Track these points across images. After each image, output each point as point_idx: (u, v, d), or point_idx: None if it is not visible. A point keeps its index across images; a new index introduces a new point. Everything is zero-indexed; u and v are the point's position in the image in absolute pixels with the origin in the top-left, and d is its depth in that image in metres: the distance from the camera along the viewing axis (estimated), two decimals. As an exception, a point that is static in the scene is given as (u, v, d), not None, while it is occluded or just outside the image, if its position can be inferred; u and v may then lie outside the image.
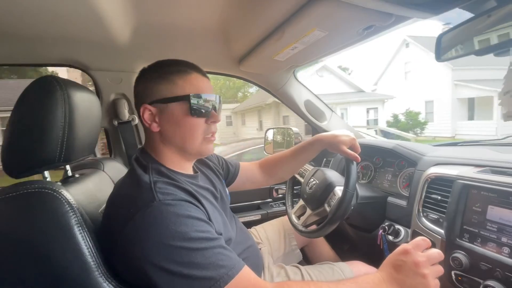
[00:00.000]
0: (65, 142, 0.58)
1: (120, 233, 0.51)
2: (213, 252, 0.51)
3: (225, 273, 0.50)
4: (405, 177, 1.06)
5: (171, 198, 0.53)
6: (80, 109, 0.61)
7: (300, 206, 1.03)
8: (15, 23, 0.82)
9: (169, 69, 0.61)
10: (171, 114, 0.60)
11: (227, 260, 0.52)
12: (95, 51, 1.03)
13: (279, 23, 0.82)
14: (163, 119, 0.61)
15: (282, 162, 0.95)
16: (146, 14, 0.84)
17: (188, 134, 0.62)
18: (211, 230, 0.55)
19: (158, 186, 0.54)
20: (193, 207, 0.55)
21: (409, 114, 12.89)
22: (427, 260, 0.54)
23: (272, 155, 1.00)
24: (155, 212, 0.50)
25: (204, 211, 0.57)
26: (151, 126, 0.61)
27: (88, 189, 0.71)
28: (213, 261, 0.50)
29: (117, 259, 0.54)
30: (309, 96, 1.43)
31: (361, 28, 0.76)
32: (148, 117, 0.61)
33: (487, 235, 0.63)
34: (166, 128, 0.61)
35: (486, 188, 0.66)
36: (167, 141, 0.63)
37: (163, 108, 0.60)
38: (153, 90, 0.60)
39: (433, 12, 0.66)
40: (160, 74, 0.61)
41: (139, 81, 0.64)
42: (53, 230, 0.51)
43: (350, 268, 0.85)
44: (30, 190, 0.51)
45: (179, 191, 0.56)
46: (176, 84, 0.60)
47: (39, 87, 0.57)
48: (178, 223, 0.50)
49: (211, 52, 1.13)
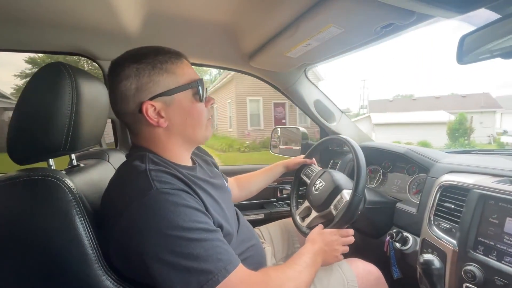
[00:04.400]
0: (71, 130, 0.57)
1: (116, 222, 0.50)
2: (212, 244, 0.49)
3: (223, 267, 0.48)
4: (416, 183, 1.03)
5: (168, 187, 0.51)
6: (87, 97, 0.60)
7: (305, 207, 1.01)
8: (28, 9, 0.81)
9: (160, 59, 0.57)
10: (179, 105, 0.58)
11: (225, 254, 0.50)
12: (105, 41, 1.02)
13: (293, 18, 0.80)
14: (170, 112, 0.58)
15: (254, 179, 1.11)
16: (158, 5, 0.83)
17: (197, 121, 0.61)
18: (209, 221, 0.53)
19: (155, 174, 0.52)
20: (190, 196, 0.53)
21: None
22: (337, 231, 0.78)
23: (244, 174, 1.12)
24: (152, 201, 0.48)
25: (200, 202, 0.55)
26: (159, 122, 0.57)
27: (92, 179, 0.70)
28: (212, 254, 0.48)
29: (115, 251, 0.52)
30: (319, 96, 1.40)
31: (379, 26, 0.73)
32: (152, 114, 0.56)
33: (504, 248, 0.60)
34: (175, 120, 0.59)
35: (505, 199, 0.63)
36: (174, 134, 0.60)
37: (169, 100, 0.57)
38: (151, 84, 0.56)
39: (458, 11, 0.62)
40: (153, 66, 0.56)
41: (123, 77, 0.56)
42: (55, 219, 0.50)
43: (349, 264, 0.83)
44: (34, 177, 0.50)
45: (176, 180, 0.54)
46: (175, 73, 0.57)
47: (47, 74, 0.56)
48: (176, 212, 0.48)
49: (221, 46, 1.11)
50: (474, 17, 0.70)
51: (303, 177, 1.11)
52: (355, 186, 0.77)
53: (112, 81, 0.57)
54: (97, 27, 0.93)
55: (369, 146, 1.23)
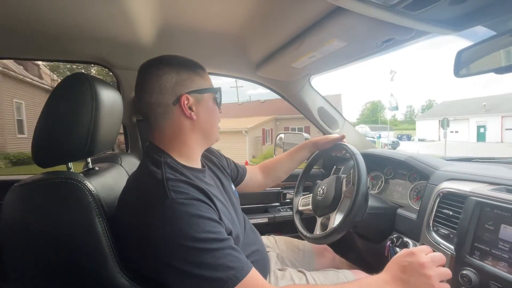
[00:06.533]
0: (90, 136, 0.61)
1: (132, 229, 0.53)
2: (223, 253, 0.51)
3: (234, 274, 0.50)
4: (416, 190, 1.06)
5: (184, 197, 0.53)
6: (105, 105, 0.64)
7: (308, 212, 1.04)
8: (46, 20, 0.86)
9: (195, 65, 0.67)
10: (206, 103, 0.67)
11: (237, 262, 0.52)
12: (121, 51, 1.07)
13: (299, 32, 0.84)
14: (199, 108, 0.65)
15: (280, 163, 1.09)
16: (172, 17, 0.88)
17: (214, 122, 0.70)
18: (221, 230, 0.55)
19: (171, 184, 0.54)
20: (205, 206, 0.55)
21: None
22: (431, 261, 0.55)
23: (270, 159, 1.11)
24: (167, 211, 0.51)
25: (215, 210, 0.57)
26: (190, 114, 0.64)
27: (106, 182, 0.74)
28: (223, 262, 0.50)
29: (130, 254, 0.55)
30: (323, 104, 1.44)
31: (380, 40, 0.77)
32: (187, 106, 0.63)
33: (499, 254, 0.63)
34: (201, 116, 0.66)
35: (500, 207, 0.65)
36: (196, 129, 0.66)
37: (199, 98, 0.65)
38: (188, 81, 0.64)
39: (454, 29, 0.66)
40: (190, 69, 0.66)
41: (165, 72, 0.63)
42: (77, 219, 0.53)
43: (354, 276, 0.85)
44: (58, 180, 0.54)
45: (192, 189, 0.56)
46: (204, 78, 0.68)
47: (71, 83, 0.61)
48: (190, 223, 0.50)
49: (231, 56, 1.16)
50: (470, 32, 0.74)
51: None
52: (356, 192, 0.80)
53: (151, 74, 0.63)
54: (114, 38, 0.98)
55: (372, 153, 1.26)
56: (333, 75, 67.18)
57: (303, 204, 1.06)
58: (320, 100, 1.44)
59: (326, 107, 1.44)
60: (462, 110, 27.42)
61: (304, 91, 1.38)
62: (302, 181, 1.13)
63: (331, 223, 0.87)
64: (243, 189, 1.04)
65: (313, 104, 1.42)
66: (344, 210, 0.84)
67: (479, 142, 23.28)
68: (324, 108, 1.44)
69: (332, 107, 1.46)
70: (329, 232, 0.84)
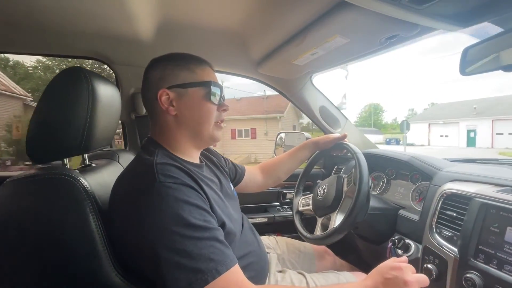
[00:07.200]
0: (86, 131, 0.60)
1: (122, 214, 0.52)
2: (206, 243, 0.50)
3: (214, 267, 0.48)
4: (419, 191, 1.04)
5: (172, 181, 0.52)
6: (102, 101, 0.63)
7: (308, 212, 1.02)
8: (45, 16, 0.86)
9: (187, 59, 0.65)
10: (190, 99, 0.64)
11: (219, 255, 0.50)
12: (120, 46, 1.06)
13: (300, 28, 0.83)
14: (181, 103, 0.63)
15: (280, 163, 1.07)
16: (172, 13, 0.87)
17: (204, 118, 0.66)
18: (209, 219, 0.53)
19: (160, 167, 0.54)
20: (194, 192, 0.54)
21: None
22: (416, 282, 0.54)
23: (270, 159, 1.09)
24: (154, 194, 0.50)
25: (205, 198, 0.56)
26: (168, 109, 0.63)
27: (103, 179, 0.73)
28: (204, 253, 0.49)
29: (120, 242, 0.54)
30: (325, 102, 1.42)
31: (384, 37, 0.75)
32: (165, 101, 0.63)
33: (504, 257, 0.61)
34: (183, 111, 0.64)
35: (506, 209, 0.64)
36: (182, 125, 0.64)
37: (182, 93, 0.63)
38: (171, 76, 0.63)
39: (461, 25, 0.65)
40: (178, 63, 0.64)
41: (154, 68, 0.65)
42: (70, 215, 0.52)
43: (355, 278, 0.84)
44: (52, 175, 0.53)
45: (182, 173, 0.55)
46: (195, 72, 0.65)
47: (66, 77, 0.59)
48: (175, 207, 0.49)
49: (231, 53, 1.15)
50: (477, 29, 0.72)
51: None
52: (357, 192, 0.78)
53: (146, 70, 0.67)
54: (114, 34, 0.97)
55: (373, 153, 1.24)
56: (333, 75, 67.12)
57: (303, 205, 1.04)
58: (322, 98, 1.42)
59: (328, 106, 1.43)
60: (453, 113, 26.33)
61: (305, 89, 1.37)
62: (302, 181, 1.12)
63: (332, 223, 0.86)
64: (243, 190, 1.02)
65: (314, 102, 1.40)
66: (345, 210, 0.82)
67: (469, 148, 22.52)
68: (326, 107, 1.42)
69: (334, 106, 1.44)
70: (329, 232, 0.82)
